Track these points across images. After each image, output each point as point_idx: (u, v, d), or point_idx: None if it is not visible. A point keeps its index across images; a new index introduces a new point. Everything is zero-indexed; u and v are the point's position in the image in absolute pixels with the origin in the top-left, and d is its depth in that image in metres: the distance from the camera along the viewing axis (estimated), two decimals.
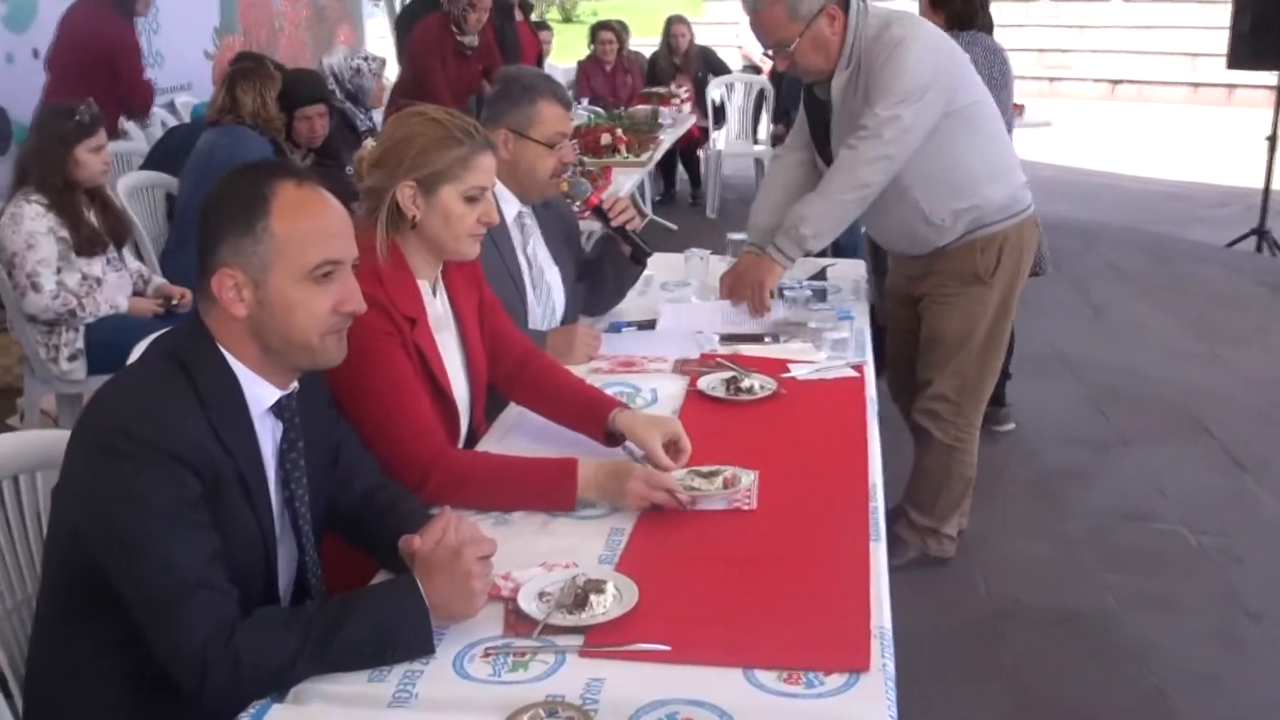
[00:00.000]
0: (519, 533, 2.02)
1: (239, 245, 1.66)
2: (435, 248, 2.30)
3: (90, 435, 1.61)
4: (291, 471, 1.78)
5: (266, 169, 1.74)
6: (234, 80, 4.64)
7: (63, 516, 1.67)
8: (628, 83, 8.94)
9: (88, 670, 1.68)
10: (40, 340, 3.88)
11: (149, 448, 1.55)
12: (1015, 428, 4.76)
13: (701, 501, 2.08)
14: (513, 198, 2.97)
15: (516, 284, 2.95)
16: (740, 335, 3.02)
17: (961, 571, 3.64)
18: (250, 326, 1.69)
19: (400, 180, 2.23)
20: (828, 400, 2.62)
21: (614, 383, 2.71)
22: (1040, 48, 16.39)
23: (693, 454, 2.26)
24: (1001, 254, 3.30)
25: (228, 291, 1.67)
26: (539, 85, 2.93)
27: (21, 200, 3.81)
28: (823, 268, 3.57)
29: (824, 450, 2.35)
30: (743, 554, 1.92)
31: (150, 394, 1.62)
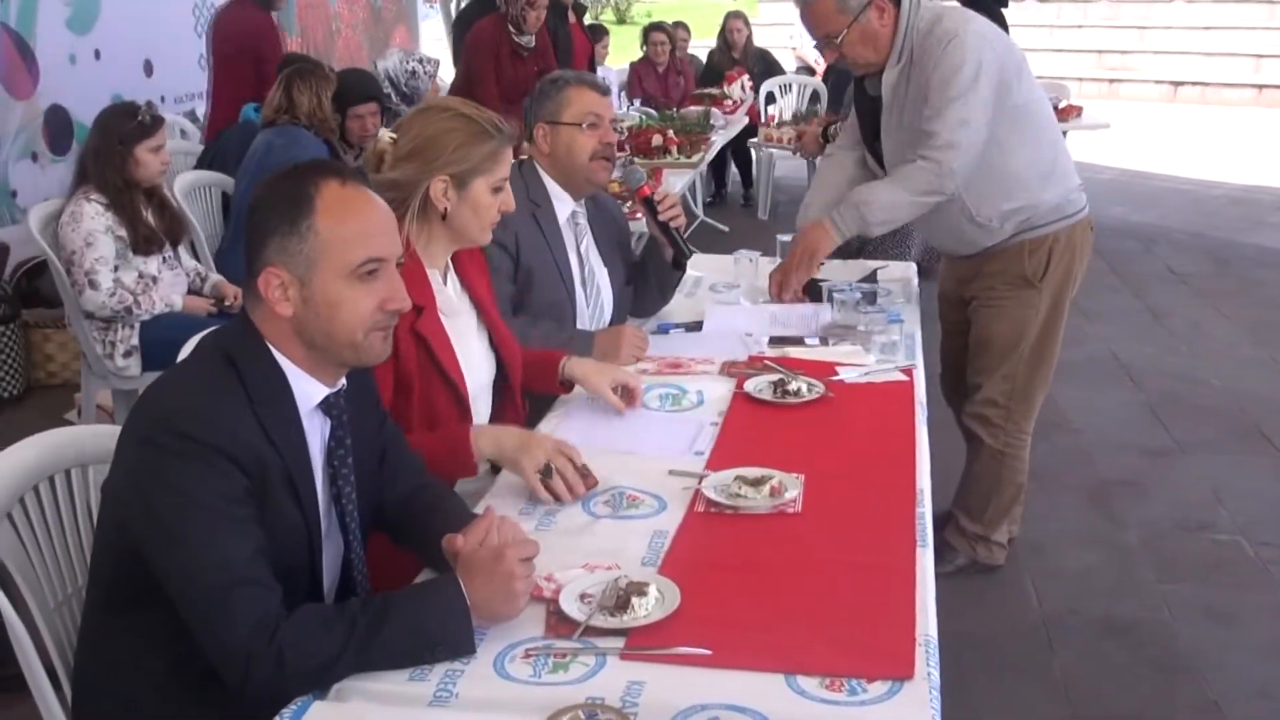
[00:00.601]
0: (562, 534, 2.02)
1: (284, 245, 1.67)
2: (458, 237, 2.36)
3: (139, 430, 1.63)
4: (339, 469, 1.79)
5: (311, 168, 1.75)
6: (290, 81, 4.70)
7: (111, 510, 1.69)
8: (680, 84, 8.94)
9: (134, 662, 1.70)
10: (97, 337, 3.95)
11: (196, 443, 1.57)
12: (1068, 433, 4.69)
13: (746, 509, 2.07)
14: (565, 196, 2.99)
15: (566, 284, 2.97)
16: (788, 338, 3.00)
17: (1013, 580, 3.59)
18: (295, 325, 1.70)
19: (435, 174, 2.27)
20: (876, 404, 2.60)
21: (660, 384, 2.70)
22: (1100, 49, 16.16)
23: (738, 456, 2.26)
24: (1051, 256, 3.26)
25: (273, 291, 1.68)
26: (566, 76, 3.03)
27: (81, 199, 3.89)
28: (873, 270, 3.54)
29: (871, 454, 2.32)
30: (787, 558, 1.91)
31: (199, 390, 1.64)
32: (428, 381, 2.27)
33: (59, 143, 5.58)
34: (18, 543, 1.84)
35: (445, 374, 2.29)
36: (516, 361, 2.51)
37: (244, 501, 1.60)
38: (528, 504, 2.13)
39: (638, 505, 2.11)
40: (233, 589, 1.55)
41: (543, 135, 2.96)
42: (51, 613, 1.88)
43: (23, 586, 1.83)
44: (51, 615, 1.88)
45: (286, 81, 4.70)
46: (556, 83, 2.98)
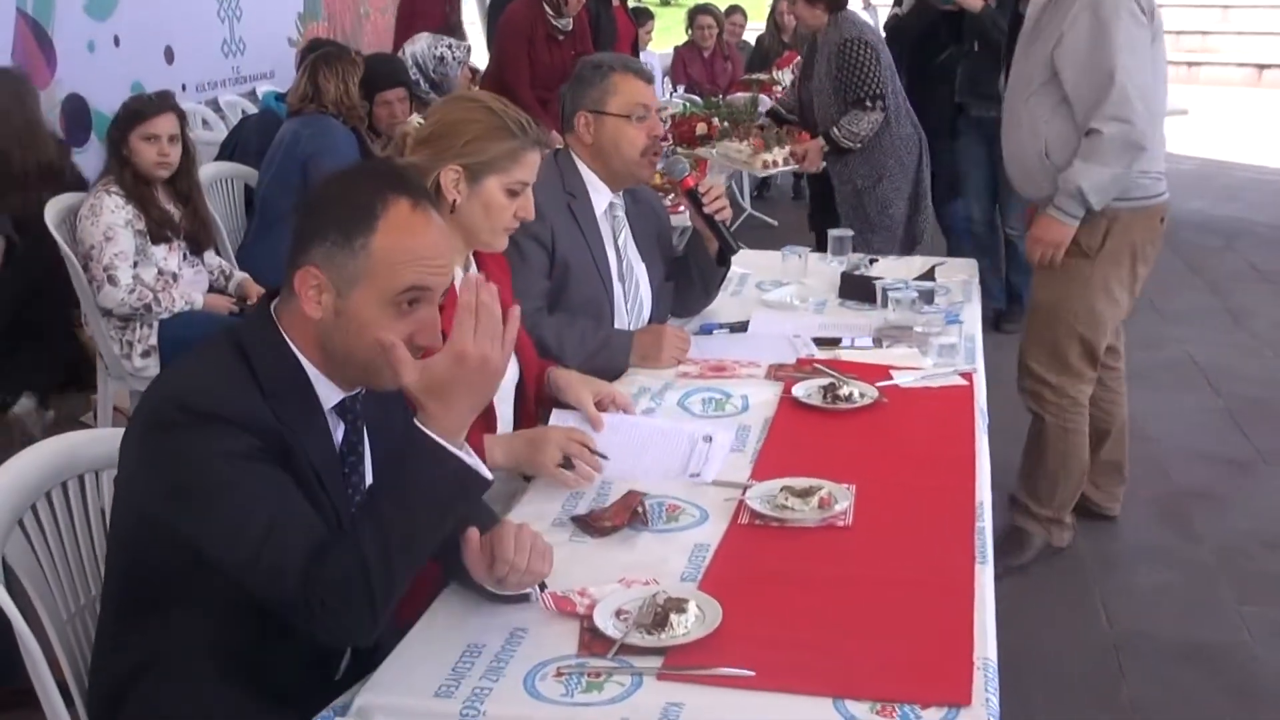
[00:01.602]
0: (597, 547, 2.02)
1: (332, 253, 1.67)
2: (468, 235, 2.36)
3: (145, 417, 1.66)
4: (350, 475, 1.80)
5: (386, 180, 1.72)
6: (316, 67, 4.72)
7: (128, 506, 1.71)
8: (727, 70, 8.93)
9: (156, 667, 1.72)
10: (114, 336, 4.00)
11: (205, 415, 1.59)
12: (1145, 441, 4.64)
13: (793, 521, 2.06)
14: (602, 187, 2.99)
15: (604, 279, 2.97)
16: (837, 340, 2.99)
17: (1080, 597, 3.56)
18: (319, 330, 1.71)
19: (447, 163, 2.28)
20: (933, 410, 2.58)
21: (702, 388, 2.70)
22: (1178, 29, 15.95)
23: (786, 466, 2.26)
24: (1109, 234, 3.44)
25: (308, 290, 1.69)
26: (610, 61, 3.00)
27: (102, 191, 3.94)
28: (931, 266, 3.52)
29: (928, 464, 2.31)
30: (836, 574, 1.90)
31: (204, 374, 1.67)
32: None
33: (76, 133, 5.64)
34: (29, 551, 1.87)
35: None
36: (532, 368, 2.53)
37: (260, 457, 1.61)
38: (561, 513, 2.13)
39: (678, 517, 2.11)
40: (276, 539, 1.57)
41: (585, 124, 2.94)
42: (64, 625, 1.91)
43: (34, 597, 1.86)
44: (64, 627, 1.90)
45: (311, 68, 4.73)
46: (600, 68, 2.96)
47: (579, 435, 2.26)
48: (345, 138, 4.61)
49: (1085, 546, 3.82)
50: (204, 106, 6.48)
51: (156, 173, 3.99)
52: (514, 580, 1.76)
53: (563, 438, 2.25)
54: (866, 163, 5.03)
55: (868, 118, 4.93)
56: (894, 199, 5.07)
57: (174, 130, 4.02)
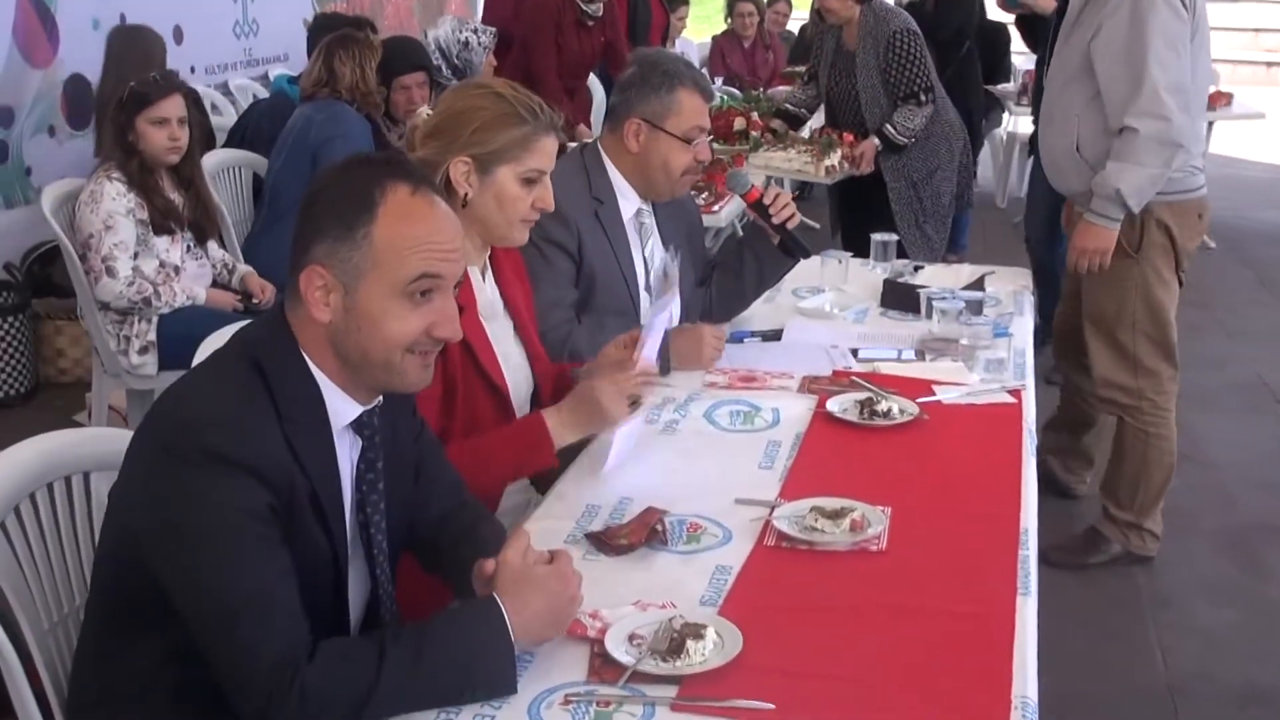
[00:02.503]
0: (611, 566, 2.02)
1: (335, 248, 1.69)
2: (484, 230, 2.37)
3: (158, 439, 1.66)
4: (369, 494, 1.81)
5: (381, 167, 1.75)
6: (331, 50, 4.73)
7: (122, 523, 1.72)
8: (768, 61, 8.92)
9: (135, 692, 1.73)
10: (111, 330, 4.04)
11: (220, 458, 1.59)
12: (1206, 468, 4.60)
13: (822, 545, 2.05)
14: (633, 194, 3.00)
15: (630, 289, 2.98)
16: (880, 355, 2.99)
17: (1135, 635, 3.53)
18: (331, 334, 1.71)
19: (455, 154, 2.29)
20: (978, 429, 2.57)
21: (730, 400, 2.70)
22: (1256, 26, 15.82)
23: (816, 484, 2.25)
24: (1146, 229, 3.57)
25: (314, 292, 1.70)
26: (680, 72, 2.95)
27: (103, 177, 3.97)
28: (980, 276, 3.50)
29: (969, 487, 2.30)
30: (866, 602, 1.89)
31: (225, 400, 1.66)
32: (470, 388, 2.30)
33: (78, 116, 5.70)
34: (10, 555, 1.88)
35: (489, 379, 2.33)
36: (548, 377, 2.54)
37: (269, 520, 1.63)
38: (575, 529, 2.13)
39: (699, 537, 2.10)
40: (255, 612, 1.58)
41: (635, 133, 2.93)
42: (45, 634, 1.92)
43: (14, 604, 1.87)
44: (45, 636, 1.92)
45: (326, 51, 4.74)
46: (669, 77, 2.92)
47: (622, 375, 2.32)
48: (359, 126, 4.63)
49: (1141, 580, 3.80)
50: (213, 90, 6.53)
51: (167, 158, 4.03)
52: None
53: (612, 385, 2.29)
54: (920, 155, 5.09)
55: (921, 112, 4.97)
56: (945, 188, 5.18)
57: (182, 112, 4.07)
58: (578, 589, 1.75)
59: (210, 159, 4.85)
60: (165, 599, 1.63)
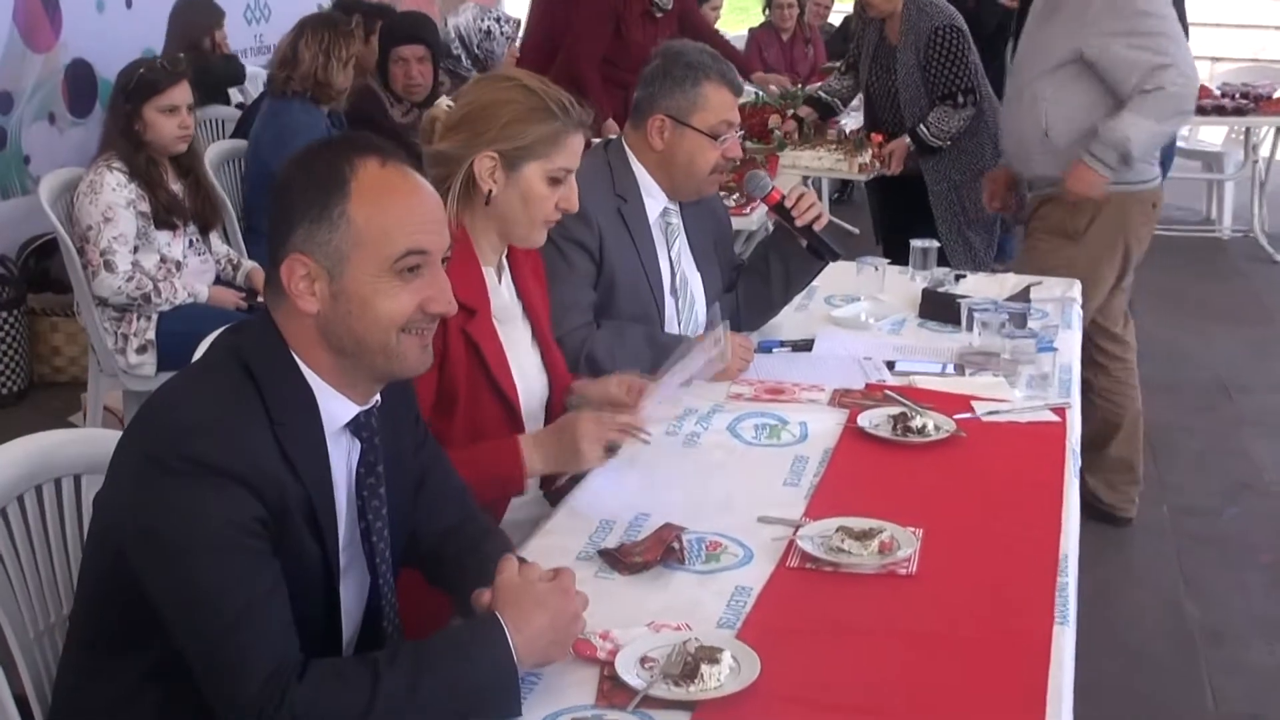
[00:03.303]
0: (625, 585, 2.03)
1: (312, 232, 1.70)
2: (504, 229, 2.39)
3: (143, 446, 1.68)
4: (369, 499, 1.82)
5: (347, 144, 1.78)
6: (302, 31, 4.72)
7: (108, 533, 1.74)
8: (808, 56, 8.92)
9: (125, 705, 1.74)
10: (108, 328, 4.07)
11: (208, 467, 1.61)
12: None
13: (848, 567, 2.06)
14: (659, 193, 3.01)
15: (655, 293, 2.99)
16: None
17: (1184, 672, 3.51)
18: (320, 325, 1.73)
19: (482, 149, 2.30)
20: (1018, 449, 2.57)
21: (756, 413, 2.71)
22: None
23: (844, 503, 2.25)
24: (1096, 218, 3.83)
25: (297, 283, 1.71)
26: (705, 64, 2.95)
27: (103, 167, 4.01)
28: (1026, 286, 3.49)
29: (1007, 509, 2.30)
30: (894, 628, 1.90)
31: (212, 406, 1.68)
32: (476, 395, 2.31)
33: (80, 103, 5.75)
34: None
35: (498, 387, 2.34)
36: (563, 384, 2.55)
37: (260, 534, 1.64)
38: (588, 546, 2.14)
39: (719, 555, 2.11)
40: (244, 629, 1.59)
41: (659, 129, 2.94)
42: (31, 644, 1.94)
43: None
44: (30, 647, 1.94)
45: (298, 30, 4.74)
46: (693, 69, 2.93)
47: (609, 419, 2.28)
48: (309, 130, 4.51)
49: (1191, 614, 3.77)
50: None
51: (177, 147, 4.09)
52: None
53: (596, 427, 2.26)
54: (963, 156, 5.03)
55: (959, 115, 4.92)
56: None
57: (190, 99, 4.11)
58: (581, 607, 1.76)
59: (215, 149, 4.90)
60: (151, 613, 1.64)
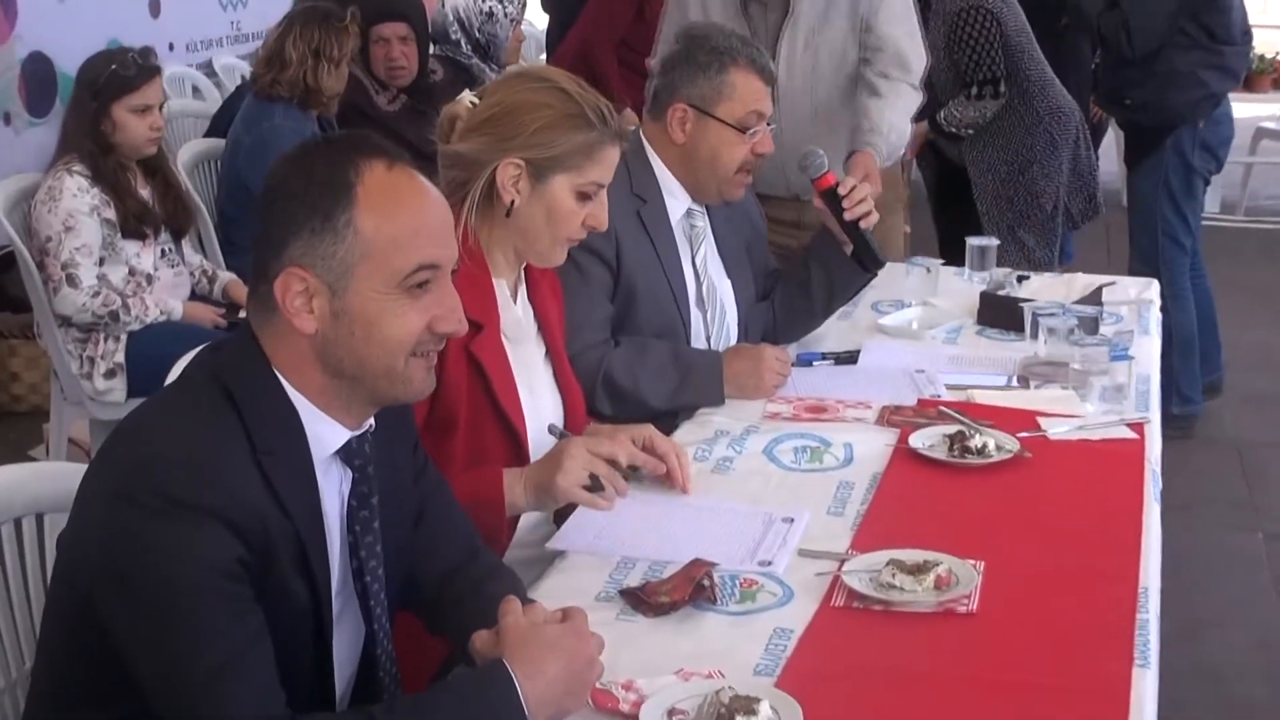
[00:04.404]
0: (651, 628, 2.03)
1: (313, 243, 1.70)
2: (523, 244, 2.39)
3: (111, 480, 1.68)
4: (362, 535, 1.82)
5: (350, 146, 1.77)
6: (291, 26, 4.70)
7: (72, 577, 1.74)
8: None
9: None
10: (72, 351, 4.08)
11: (183, 504, 1.61)
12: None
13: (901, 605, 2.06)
14: (681, 193, 3.01)
15: (679, 305, 2.98)
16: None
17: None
18: (318, 346, 1.73)
19: (508, 155, 2.31)
20: (1091, 470, 2.57)
21: (795, 434, 2.71)
22: None
23: (896, 534, 2.25)
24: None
25: (294, 299, 1.71)
26: (733, 48, 2.95)
27: (62, 171, 4.02)
28: (1097, 287, 3.49)
29: (1079, 538, 2.30)
30: (953, 673, 1.89)
31: (189, 433, 1.68)
32: (477, 420, 2.31)
33: (39, 101, 5.78)
34: None
35: (502, 413, 2.33)
36: (579, 411, 2.55)
37: (241, 577, 1.65)
38: (607, 585, 2.14)
39: (754, 594, 2.11)
40: (223, 682, 1.60)
41: (680, 120, 2.94)
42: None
43: None
44: None
45: (286, 25, 4.73)
46: (719, 54, 2.93)
47: (605, 448, 2.31)
48: (292, 133, 4.49)
49: None
50: (195, 70, 6.61)
51: (147, 150, 4.11)
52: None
53: (585, 454, 2.28)
54: (1010, 146, 5.05)
55: (973, 107, 4.95)
56: (1045, 187, 5.08)
57: (162, 97, 4.14)
58: (597, 650, 1.77)
59: (189, 150, 4.91)
60: (121, 666, 1.65)
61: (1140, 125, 5.26)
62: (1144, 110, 5.11)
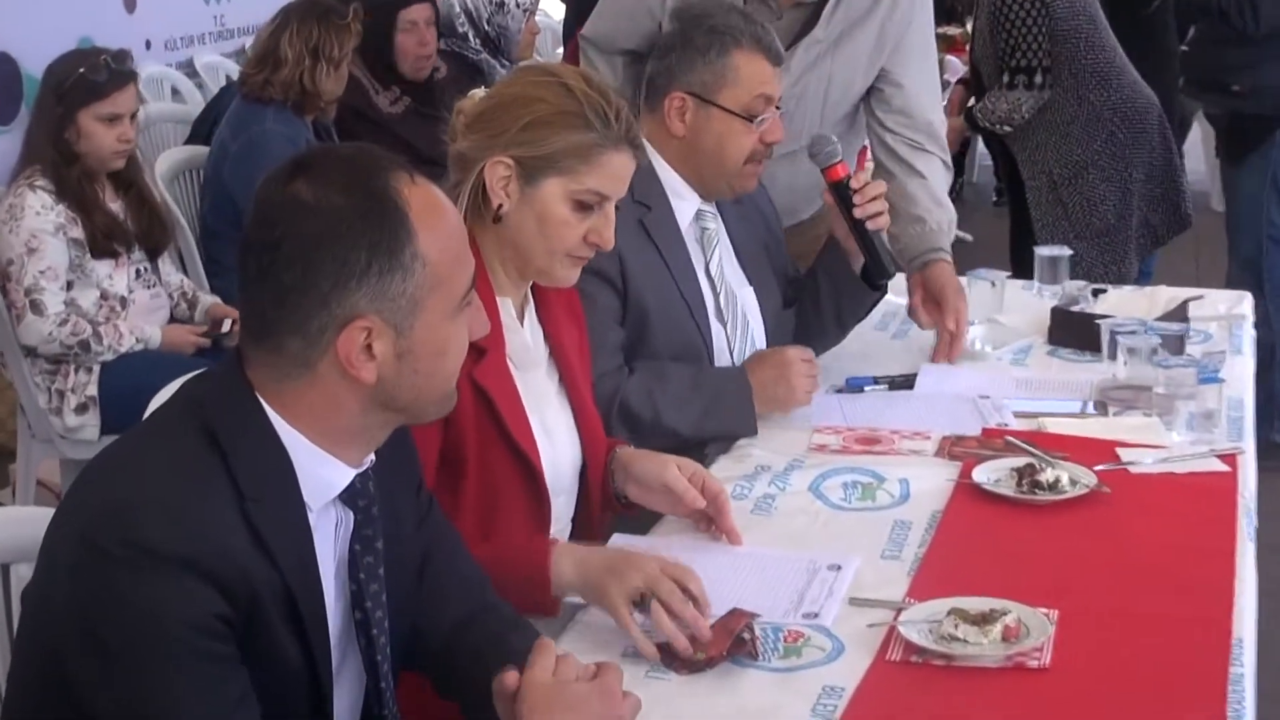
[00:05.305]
0: (685, 688, 2.03)
1: (382, 287, 1.69)
2: (519, 257, 2.38)
3: (80, 528, 1.68)
4: (367, 584, 1.83)
5: (372, 164, 1.75)
6: (287, 22, 4.73)
7: (38, 635, 1.75)
8: None
9: None
10: (40, 384, 4.11)
11: (158, 555, 1.62)
12: None
13: (964, 659, 2.05)
14: (689, 192, 3.01)
15: (697, 320, 2.97)
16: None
17: None
18: (374, 393, 1.73)
19: (496, 153, 2.31)
20: (1177, 506, 2.56)
21: (845, 468, 2.72)
22: None
23: (958, 580, 2.25)
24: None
25: (358, 353, 1.71)
26: (734, 27, 2.94)
27: (24, 187, 4.05)
28: (1183, 301, 3.48)
29: (1164, 582, 2.29)
30: None
31: (165, 477, 1.68)
32: (488, 455, 2.31)
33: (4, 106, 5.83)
34: None
35: (513, 442, 2.33)
36: (599, 448, 2.54)
37: (224, 635, 1.65)
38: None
39: (799, 649, 2.11)
40: None
41: (679, 110, 2.94)
42: None
43: None
44: None
45: (282, 20, 4.76)
46: (719, 35, 2.92)
47: (680, 573, 2.15)
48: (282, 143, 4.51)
49: None
50: (175, 70, 6.64)
51: (114, 163, 4.13)
52: None
53: (657, 573, 2.13)
54: (1064, 143, 5.02)
55: (1009, 96, 4.93)
56: (1104, 193, 5.01)
57: (135, 106, 4.16)
58: (631, 713, 1.77)
59: (167, 159, 4.94)
60: None
61: (1244, 115, 5.17)
62: (1256, 96, 5.03)
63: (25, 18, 5.61)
